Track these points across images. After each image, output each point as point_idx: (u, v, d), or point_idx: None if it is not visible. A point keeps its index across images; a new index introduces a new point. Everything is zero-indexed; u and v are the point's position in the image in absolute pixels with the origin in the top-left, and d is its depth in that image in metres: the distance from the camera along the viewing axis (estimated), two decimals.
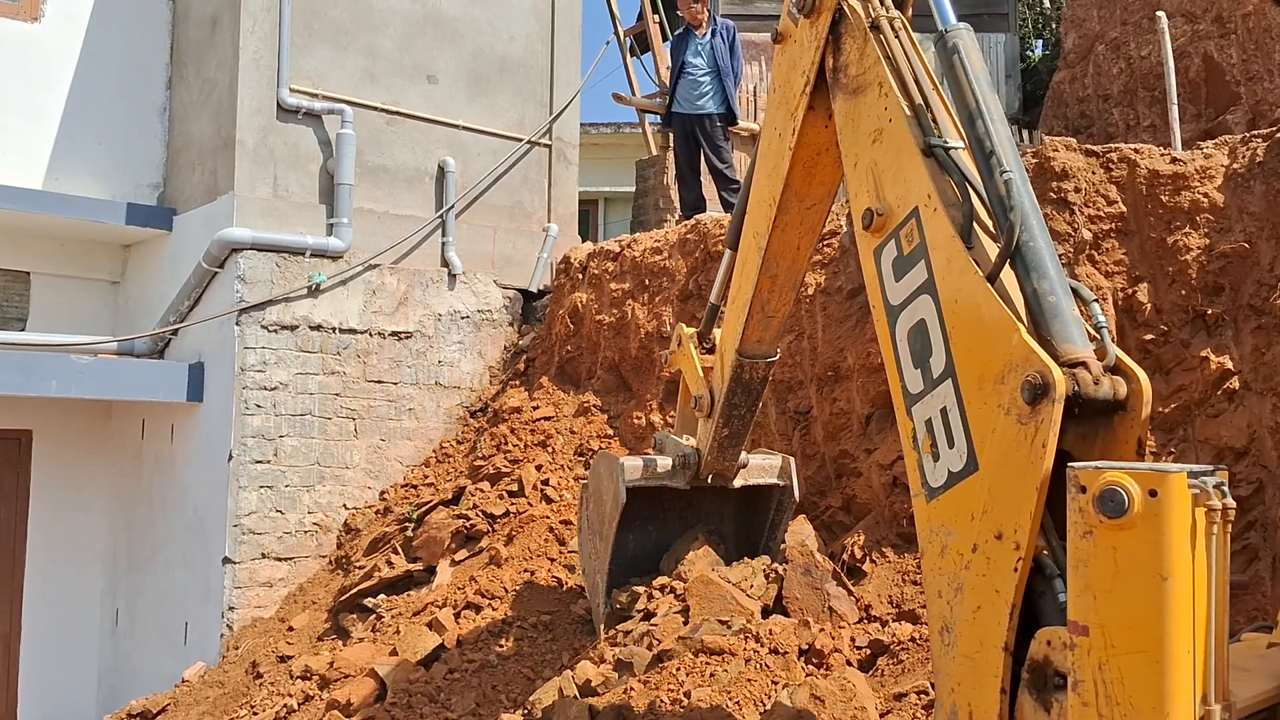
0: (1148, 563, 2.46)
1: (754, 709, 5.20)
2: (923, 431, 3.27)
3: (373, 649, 6.82)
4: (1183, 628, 2.45)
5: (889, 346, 3.48)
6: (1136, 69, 11.59)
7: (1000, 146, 3.30)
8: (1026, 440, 2.87)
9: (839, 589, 5.71)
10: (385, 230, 8.97)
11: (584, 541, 6.27)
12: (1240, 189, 5.74)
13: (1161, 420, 5.73)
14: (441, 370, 9.22)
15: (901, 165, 3.50)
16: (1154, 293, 5.89)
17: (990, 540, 2.95)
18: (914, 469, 3.31)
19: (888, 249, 3.51)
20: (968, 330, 3.16)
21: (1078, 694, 2.55)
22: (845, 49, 3.88)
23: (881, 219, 3.53)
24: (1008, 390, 2.95)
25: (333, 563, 8.41)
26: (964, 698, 2.96)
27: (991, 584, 2.93)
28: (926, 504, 3.22)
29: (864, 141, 3.70)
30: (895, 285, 3.46)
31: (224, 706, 7.24)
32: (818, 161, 4.34)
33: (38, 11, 9.06)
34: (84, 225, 9.07)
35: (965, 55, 3.48)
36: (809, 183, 4.43)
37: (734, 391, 5.33)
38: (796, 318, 7.26)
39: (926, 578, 3.20)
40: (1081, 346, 3.03)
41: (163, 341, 8.98)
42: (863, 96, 3.75)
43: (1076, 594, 2.59)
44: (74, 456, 9.63)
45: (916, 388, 3.33)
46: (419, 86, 9.35)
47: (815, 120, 4.17)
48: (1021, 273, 3.16)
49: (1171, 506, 2.45)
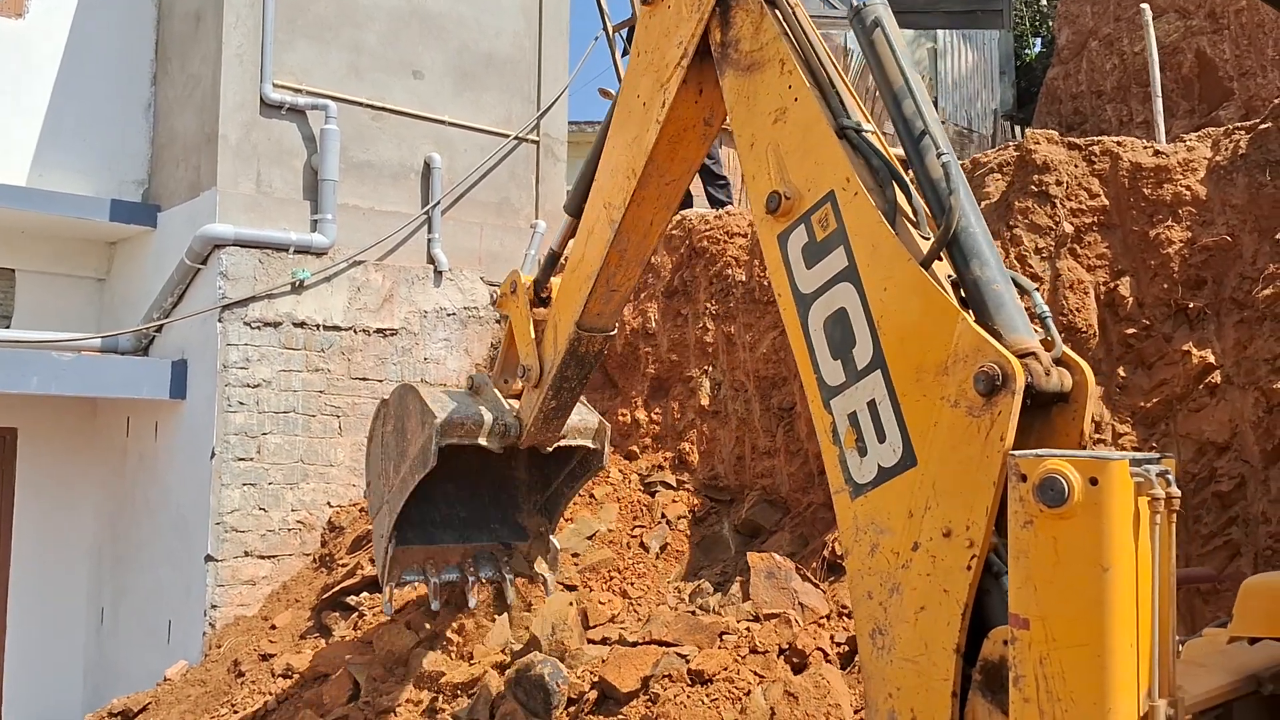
0: (1088, 553, 2.39)
1: (732, 707, 5.17)
2: (845, 425, 3.11)
3: (352, 646, 6.78)
4: (1125, 621, 2.39)
5: (799, 336, 3.27)
6: (1129, 65, 11.54)
7: (933, 127, 3.15)
8: (980, 434, 2.75)
9: (805, 584, 5.66)
10: (370, 226, 8.92)
11: (373, 461, 5.93)
12: (1223, 182, 5.68)
13: (1143, 415, 5.68)
14: (427, 367, 9.17)
15: (810, 146, 3.30)
16: (1136, 286, 5.83)
17: (936, 538, 2.81)
18: (834, 465, 3.13)
19: (795, 234, 3.30)
20: (900, 319, 3.00)
21: (1019, 689, 2.48)
22: (736, 22, 3.64)
23: (789, 202, 3.31)
24: (954, 382, 2.82)
25: (316, 561, 8.37)
26: (905, 703, 2.83)
27: (938, 584, 2.80)
28: (851, 501, 3.06)
29: (762, 121, 3.48)
30: (806, 273, 3.26)
31: (205, 705, 7.19)
32: (683, 137, 4.14)
33: (22, 7, 9.02)
34: (69, 222, 9.03)
35: (889, 31, 3.28)
36: (672, 158, 4.22)
37: (567, 364, 5.09)
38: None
39: (853, 579, 3.04)
40: (1028, 337, 2.90)
41: (147, 339, 8.94)
42: (759, 74, 3.52)
43: (1017, 586, 2.51)
44: (60, 454, 9.59)
45: (836, 380, 3.15)
46: (404, 82, 9.30)
47: (687, 94, 3.96)
48: (960, 260, 3.02)
49: (1113, 495, 2.39)
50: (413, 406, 5.52)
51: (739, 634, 5.65)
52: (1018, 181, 6.18)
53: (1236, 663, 3.06)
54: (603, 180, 4.50)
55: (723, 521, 7.13)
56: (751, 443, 7.32)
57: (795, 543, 6.60)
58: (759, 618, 5.71)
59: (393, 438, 5.71)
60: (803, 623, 5.60)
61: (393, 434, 5.72)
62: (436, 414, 5.26)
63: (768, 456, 7.20)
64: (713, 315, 7.72)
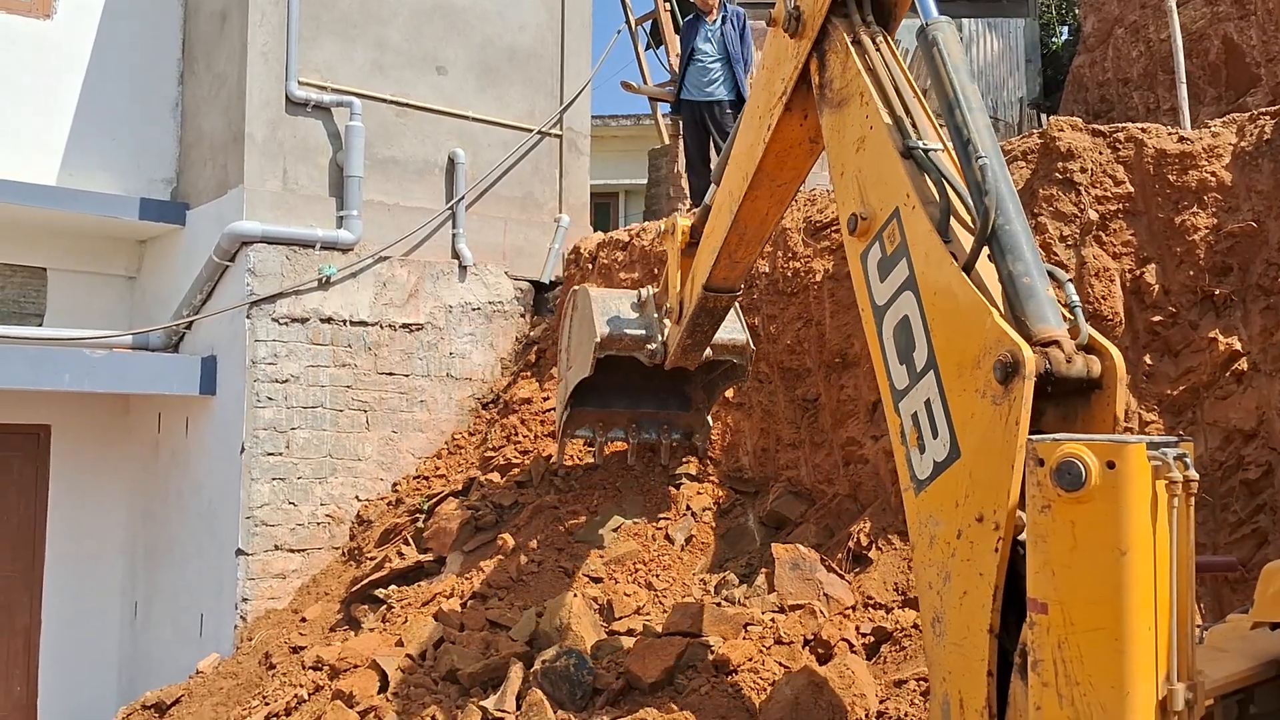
0: (1106, 537, 2.40)
1: (757, 697, 5.19)
2: (909, 425, 3.30)
3: (380, 639, 6.84)
4: (1143, 604, 2.39)
5: (876, 346, 3.54)
6: (1156, 52, 11.43)
7: (976, 133, 3.37)
8: (1001, 420, 2.85)
9: (830, 575, 5.67)
10: (395, 222, 8.98)
11: (562, 337, 7.14)
12: (1248, 167, 5.64)
13: (1170, 403, 5.65)
14: (453, 362, 9.22)
15: (882, 169, 3.58)
16: (1162, 273, 5.80)
17: (972, 524, 2.93)
18: (903, 464, 3.34)
19: (872, 251, 3.58)
20: (946, 320, 3.19)
21: (1037, 673, 2.50)
22: (829, 65, 4.00)
23: (866, 223, 3.61)
24: (983, 374, 2.95)
25: (345, 554, 8.44)
26: (954, 686, 2.92)
27: (975, 568, 2.90)
28: (915, 497, 3.24)
29: (849, 151, 3.80)
30: (880, 285, 3.53)
31: (237, 697, 7.27)
32: (790, 152, 4.54)
33: (49, 9, 9.13)
34: (99, 221, 9.13)
35: (945, 47, 3.57)
36: (780, 168, 4.63)
37: (699, 314, 5.79)
38: (805, 304, 7.21)
39: (917, 571, 3.19)
40: (1055, 325, 3.04)
41: (177, 335, 9.03)
42: (846, 108, 3.86)
43: (1035, 570, 2.54)
44: (92, 451, 9.71)
45: (902, 383, 3.36)
46: (428, 78, 9.34)
47: (791, 119, 4.36)
48: (998, 256, 3.20)
49: (1130, 479, 2.39)
50: (584, 311, 6.62)
51: (764, 625, 5.67)
52: (1042, 169, 6.15)
53: (1258, 648, 3.06)
54: (730, 169, 4.96)
55: (747, 513, 7.13)
56: (776, 434, 7.32)
57: (820, 534, 6.60)
58: (784, 609, 5.72)
59: (574, 328, 6.86)
60: (828, 614, 5.60)
61: (575, 324, 6.85)
62: (598, 329, 6.31)
63: (792, 448, 7.21)
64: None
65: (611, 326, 6.34)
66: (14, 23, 8.98)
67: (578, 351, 6.69)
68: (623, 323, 6.40)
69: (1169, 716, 2.46)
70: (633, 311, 6.53)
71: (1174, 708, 2.46)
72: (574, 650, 5.68)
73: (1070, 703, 2.43)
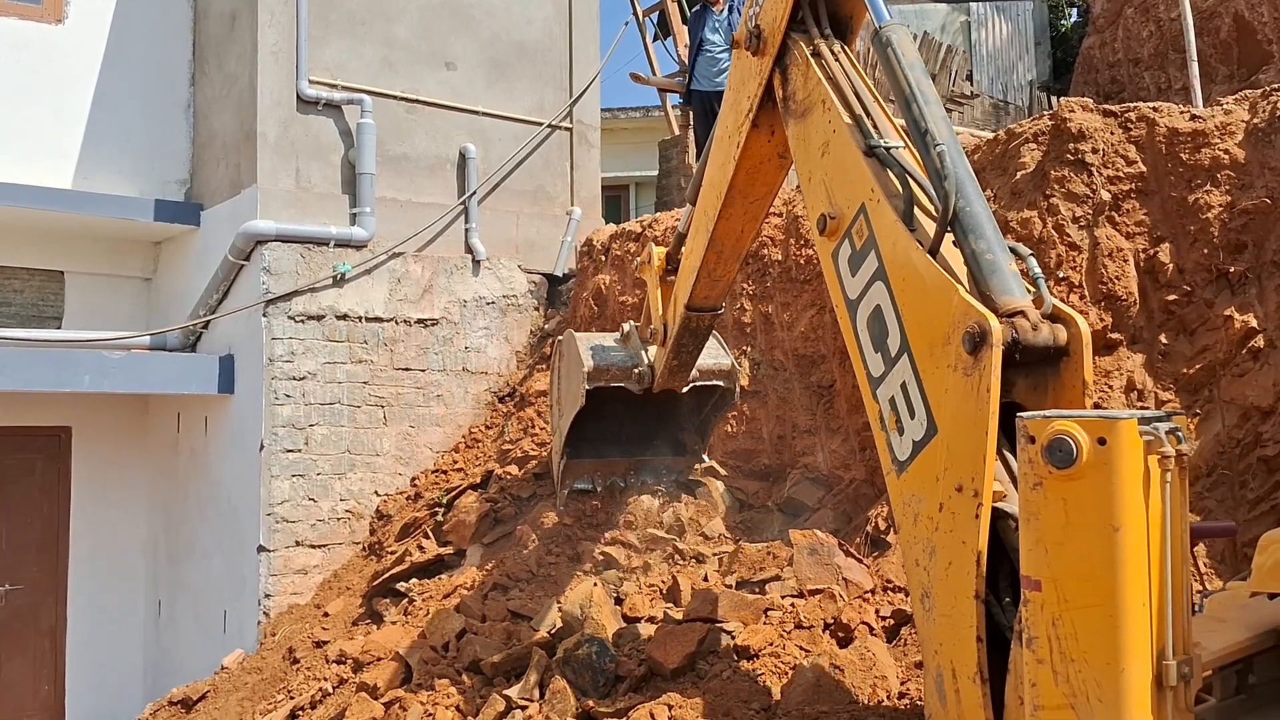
0: (1098, 513, 2.41)
1: (778, 680, 5.21)
2: (888, 410, 3.40)
3: (403, 632, 6.88)
4: (1137, 580, 2.39)
5: (852, 338, 3.66)
6: (1166, 31, 11.39)
7: (933, 123, 3.51)
8: (973, 390, 2.95)
9: (848, 560, 5.69)
10: (408, 218, 9.02)
11: (552, 389, 7.22)
12: (1261, 144, 5.62)
13: (1186, 381, 5.64)
14: (468, 356, 9.26)
15: (847, 169, 3.74)
16: (1176, 252, 5.79)
17: (953, 495, 3.00)
18: (884, 449, 3.44)
19: (843, 249, 3.73)
20: (916, 303, 3.30)
21: (1032, 650, 2.51)
22: (792, 78, 4.19)
23: (834, 222, 3.77)
24: (954, 349, 3.04)
25: (365, 549, 8.49)
26: (946, 657, 2.96)
27: (959, 536, 2.96)
28: (898, 479, 3.32)
29: (814, 157, 3.96)
30: (852, 280, 3.66)
31: (262, 692, 7.33)
32: (760, 169, 4.70)
33: (61, 13, 9.19)
34: (114, 223, 9.20)
35: (898, 48, 3.75)
36: (752, 184, 4.79)
37: (682, 335, 5.92)
38: (818, 292, 7.22)
39: (904, 550, 3.25)
40: (1019, 297, 3.16)
41: (194, 335, 9.10)
42: (810, 117, 4.03)
43: (1028, 548, 2.55)
44: (113, 451, 9.79)
45: (878, 370, 3.47)
46: (437, 74, 9.38)
47: (759, 136, 4.53)
48: (960, 236, 3.33)
49: (1121, 455, 2.40)
50: (570, 352, 6.72)
51: (784, 610, 5.68)
52: (1053, 151, 6.14)
53: (1256, 617, 3.06)
54: (704, 190, 5.11)
55: (765, 501, 7.15)
56: (792, 421, 7.34)
57: (838, 519, 6.61)
58: (803, 593, 5.74)
59: (563, 373, 6.93)
60: (847, 598, 5.62)
61: (563, 370, 6.93)
62: (585, 362, 6.42)
63: (808, 435, 7.22)
64: (750, 295, 7.74)
65: (598, 358, 6.51)
66: (26, 29, 9.05)
67: (567, 394, 6.80)
68: (608, 354, 6.57)
69: (1164, 691, 2.47)
70: (617, 345, 6.71)
71: (1169, 683, 2.47)
72: (595, 638, 5.71)
73: (1065, 679, 2.43)
